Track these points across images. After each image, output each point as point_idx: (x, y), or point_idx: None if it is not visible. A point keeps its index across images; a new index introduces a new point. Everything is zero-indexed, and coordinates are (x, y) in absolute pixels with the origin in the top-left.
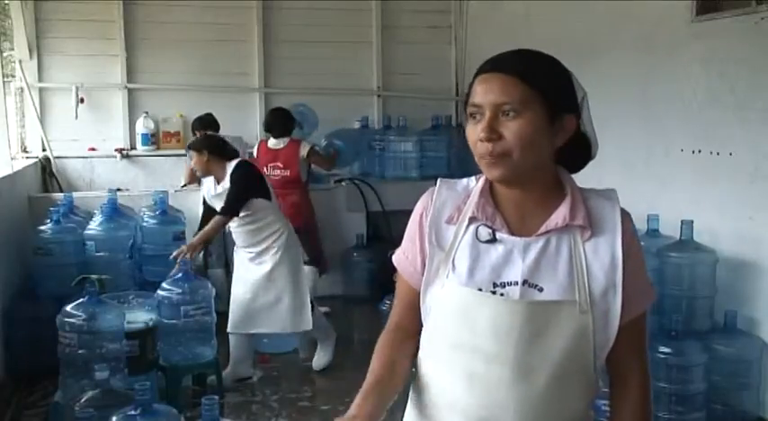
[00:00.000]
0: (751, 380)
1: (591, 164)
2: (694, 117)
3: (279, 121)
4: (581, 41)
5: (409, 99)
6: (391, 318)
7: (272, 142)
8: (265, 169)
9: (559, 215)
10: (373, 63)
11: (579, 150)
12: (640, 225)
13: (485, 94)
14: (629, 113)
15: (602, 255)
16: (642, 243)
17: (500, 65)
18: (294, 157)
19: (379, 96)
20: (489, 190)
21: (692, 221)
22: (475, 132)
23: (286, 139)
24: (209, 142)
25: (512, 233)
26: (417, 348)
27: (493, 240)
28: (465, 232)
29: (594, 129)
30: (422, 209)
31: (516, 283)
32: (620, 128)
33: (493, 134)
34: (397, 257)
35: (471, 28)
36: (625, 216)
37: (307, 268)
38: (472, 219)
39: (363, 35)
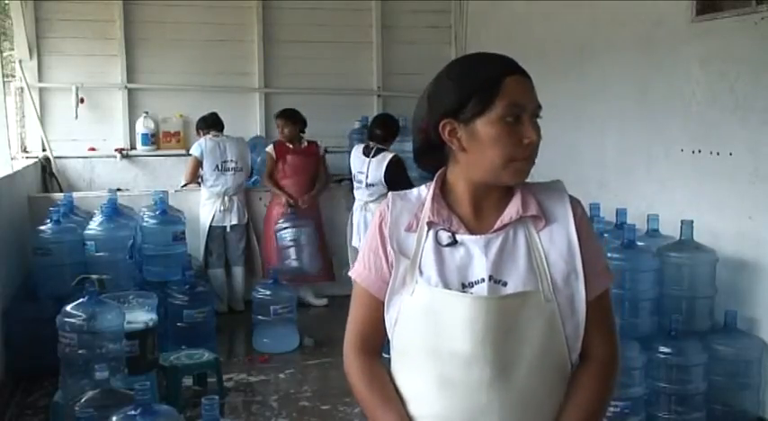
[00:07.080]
0: (751, 380)
1: (591, 164)
2: (694, 117)
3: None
4: (581, 41)
5: (409, 99)
6: (356, 336)
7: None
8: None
9: (512, 209)
10: (373, 63)
11: None
12: (640, 225)
13: (528, 95)
14: (629, 113)
15: (559, 242)
16: (642, 243)
17: (521, 68)
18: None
19: (379, 96)
20: (441, 194)
21: (692, 221)
22: (520, 133)
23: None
24: None
25: (470, 232)
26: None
27: (453, 243)
28: (426, 238)
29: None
30: (379, 220)
31: (483, 280)
32: (620, 128)
33: None
34: (358, 273)
35: (471, 28)
36: (575, 202)
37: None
38: (430, 224)
39: (363, 35)
